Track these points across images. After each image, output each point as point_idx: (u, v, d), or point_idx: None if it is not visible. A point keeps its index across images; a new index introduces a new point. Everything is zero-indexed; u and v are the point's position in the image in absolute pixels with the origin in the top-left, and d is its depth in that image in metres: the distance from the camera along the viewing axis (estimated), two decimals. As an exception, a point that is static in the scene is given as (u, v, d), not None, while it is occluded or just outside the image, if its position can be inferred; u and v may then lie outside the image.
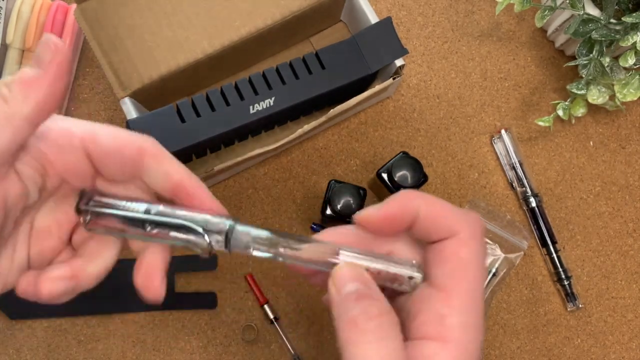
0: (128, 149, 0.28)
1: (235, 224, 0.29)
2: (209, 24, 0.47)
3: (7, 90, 0.26)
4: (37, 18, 0.51)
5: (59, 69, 0.27)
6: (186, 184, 0.29)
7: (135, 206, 0.29)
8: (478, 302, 0.27)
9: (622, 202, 0.55)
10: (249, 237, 0.29)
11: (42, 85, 0.26)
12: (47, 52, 0.26)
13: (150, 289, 0.31)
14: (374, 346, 0.25)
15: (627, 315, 0.53)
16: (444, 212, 0.28)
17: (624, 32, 0.46)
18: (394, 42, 0.48)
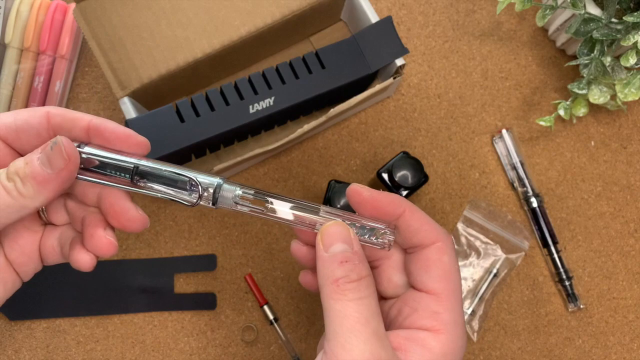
0: (33, 117, 0.30)
1: (223, 182, 0.31)
2: (208, 23, 0.47)
3: (22, 185, 0.28)
4: (36, 17, 0.51)
5: (69, 174, 0.29)
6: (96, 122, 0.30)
7: (124, 158, 0.30)
8: (460, 304, 0.32)
9: (624, 202, 0.55)
10: (235, 193, 0.31)
11: (53, 185, 0.29)
12: (60, 159, 0.29)
13: (132, 221, 0.32)
14: (353, 303, 0.29)
15: (629, 316, 0.53)
16: (426, 220, 0.33)
17: (625, 31, 0.46)
18: (395, 41, 0.48)
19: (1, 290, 0.32)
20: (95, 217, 0.32)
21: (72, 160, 0.29)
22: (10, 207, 0.28)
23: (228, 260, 0.52)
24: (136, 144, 0.31)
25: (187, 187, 0.31)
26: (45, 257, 0.34)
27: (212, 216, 0.53)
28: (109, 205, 0.31)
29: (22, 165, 0.29)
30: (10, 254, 0.33)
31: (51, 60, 0.52)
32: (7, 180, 0.28)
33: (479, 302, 0.52)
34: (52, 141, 0.29)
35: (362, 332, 0.28)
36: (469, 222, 0.53)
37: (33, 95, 0.52)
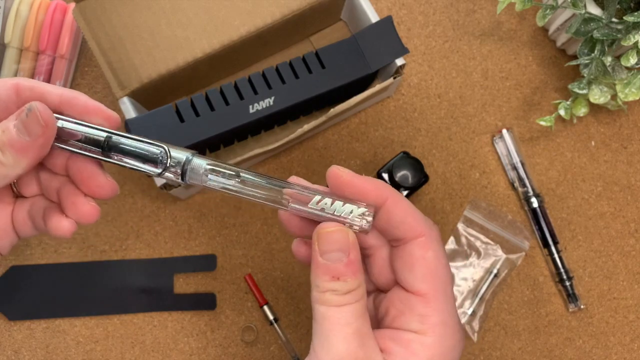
0: (2, 90, 0.29)
1: (193, 157, 0.30)
2: (208, 23, 0.47)
3: (1, 154, 0.28)
4: (35, 17, 0.51)
5: (47, 140, 0.29)
6: (67, 94, 0.31)
7: (95, 130, 0.31)
8: (451, 301, 0.30)
9: (624, 202, 0.55)
10: (205, 167, 0.30)
11: (32, 152, 0.29)
12: (37, 125, 0.29)
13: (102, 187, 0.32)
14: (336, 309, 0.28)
15: (629, 316, 0.53)
16: (410, 211, 0.30)
17: (625, 31, 0.46)
18: (395, 41, 0.48)
19: None
20: (72, 186, 0.32)
21: (49, 126, 0.29)
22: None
23: (228, 260, 0.52)
24: (106, 117, 0.31)
25: (157, 159, 0.30)
26: (19, 231, 0.34)
27: (212, 216, 0.53)
28: (78, 172, 0.31)
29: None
30: None
31: (51, 60, 0.52)
32: None
33: (480, 302, 0.52)
34: (27, 107, 0.29)
35: (342, 332, 0.28)
36: (469, 222, 0.53)
37: (33, 95, 0.51)
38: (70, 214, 0.31)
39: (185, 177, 0.30)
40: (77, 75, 0.55)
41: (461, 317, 0.52)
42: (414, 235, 0.30)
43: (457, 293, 0.52)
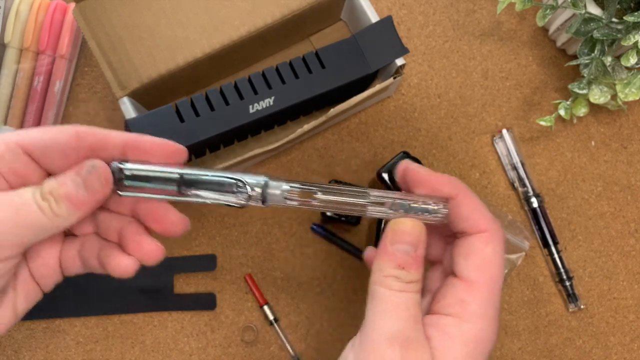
0: (62, 135, 0.30)
1: (268, 179, 0.31)
2: (208, 23, 0.47)
3: (56, 205, 0.29)
4: (35, 17, 0.51)
5: (104, 197, 0.30)
6: (132, 138, 0.31)
7: (168, 170, 0.31)
8: (496, 296, 0.31)
9: (624, 202, 0.55)
10: (282, 189, 0.31)
11: (86, 207, 0.30)
12: (97, 181, 0.29)
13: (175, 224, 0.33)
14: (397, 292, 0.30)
15: (629, 316, 0.53)
16: (479, 207, 0.32)
17: (625, 31, 0.46)
18: (395, 41, 0.48)
19: (23, 303, 0.33)
20: (135, 225, 0.32)
21: (107, 183, 0.30)
22: (44, 226, 0.29)
23: (228, 260, 0.52)
24: (174, 151, 0.31)
25: (233, 189, 0.31)
26: (65, 268, 0.34)
27: (212, 216, 0.53)
28: (150, 213, 0.32)
29: (55, 185, 0.29)
30: (32, 266, 0.33)
31: (51, 60, 0.52)
32: (41, 199, 0.29)
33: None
34: (91, 164, 0.29)
35: (401, 313, 0.29)
36: (469, 222, 0.53)
37: (33, 95, 0.51)
38: (135, 253, 0.32)
39: (267, 202, 0.31)
40: (77, 75, 0.55)
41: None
42: (478, 230, 0.32)
43: (457, 293, 0.52)
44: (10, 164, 0.29)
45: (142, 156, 0.31)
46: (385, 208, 0.32)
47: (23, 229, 0.28)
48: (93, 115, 0.54)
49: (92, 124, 0.54)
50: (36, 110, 0.51)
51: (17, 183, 0.30)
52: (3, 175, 0.29)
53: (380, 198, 0.32)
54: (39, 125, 0.52)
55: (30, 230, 0.29)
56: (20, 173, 0.30)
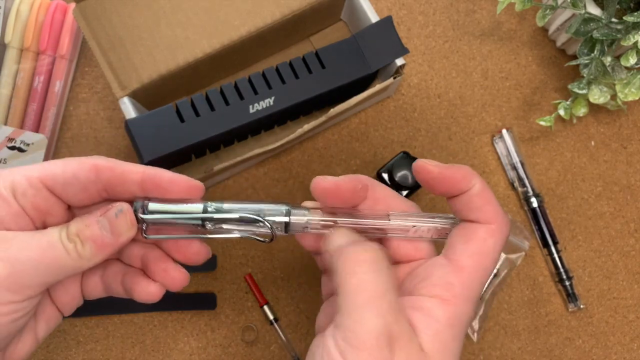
0: (82, 170, 0.30)
1: (290, 209, 0.31)
2: (208, 23, 0.47)
3: (82, 247, 0.29)
4: (35, 17, 0.51)
5: (128, 240, 0.31)
6: (150, 175, 0.31)
7: (191, 207, 0.31)
8: (481, 286, 0.31)
9: (624, 202, 0.55)
10: (305, 219, 0.31)
11: (110, 250, 0.30)
12: (124, 227, 0.30)
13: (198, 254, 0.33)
14: (369, 277, 0.28)
15: (629, 316, 0.53)
16: (491, 200, 0.32)
17: (625, 31, 0.46)
18: (395, 41, 0.48)
19: (44, 329, 0.33)
20: (159, 252, 0.33)
21: (133, 227, 0.30)
22: (68, 267, 0.29)
23: (228, 260, 0.52)
24: (191, 187, 0.31)
25: (257, 222, 0.31)
26: (86, 293, 0.34)
27: (212, 216, 0.53)
28: (173, 243, 0.32)
29: (82, 227, 0.29)
30: (54, 293, 0.33)
31: (51, 60, 0.52)
32: (68, 240, 0.29)
33: (479, 302, 0.52)
34: (118, 209, 0.30)
35: (378, 306, 0.28)
36: (469, 222, 0.53)
37: (33, 95, 0.51)
38: (160, 280, 0.32)
39: (289, 231, 0.32)
40: (78, 75, 0.55)
41: (461, 317, 0.52)
42: (485, 221, 0.31)
43: (457, 293, 0.52)
44: (32, 199, 0.30)
45: (161, 193, 0.31)
46: (407, 233, 0.32)
47: (48, 270, 0.29)
48: (93, 115, 0.54)
49: (92, 124, 0.54)
50: (36, 110, 0.51)
51: (38, 218, 0.30)
52: (26, 211, 0.30)
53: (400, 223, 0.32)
54: (39, 125, 0.52)
55: (54, 271, 0.29)
56: (42, 208, 0.30)
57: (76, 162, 0.30)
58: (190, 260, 0.32)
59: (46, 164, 0.30)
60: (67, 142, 0.53)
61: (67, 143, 0.53)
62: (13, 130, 0.50)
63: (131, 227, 0.30)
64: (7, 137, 0.50)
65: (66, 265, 0.29)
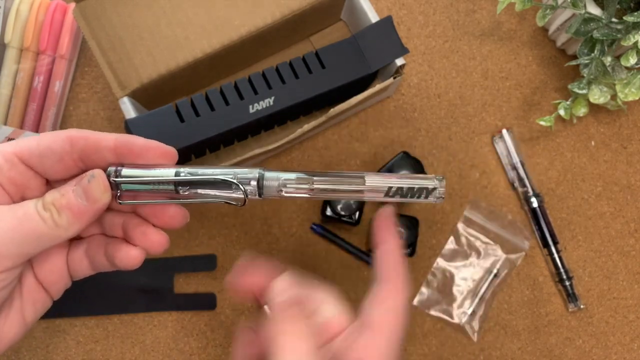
0: (56, 141, 0.30)
1: (264, 172, 0.31)
2: (208, 23, 0.47)
3: (58, 215, 0.29)
4: (35, 17, 0.51)
5: (104, 206, 0.30)
6: (123, 141, 0.31)
7: (164, 172, 0.31)
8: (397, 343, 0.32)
9: (624, 202, 0.55)
10: (278, 181, 0.31)
11: (87, 217, 0.30)
12: (97, 190, 0.30)
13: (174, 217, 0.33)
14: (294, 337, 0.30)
15: (629, 316, 0.53)
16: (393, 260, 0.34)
17: (625, 31, 0.46)
18: (395, 41, 0.48)
19: (31, 312, 0.33)
20: (138, 218, 0.32)
21: (106, 191, 0.30)
22: (45, 236, 0.29)
23: (228, 260, 0.52)
24: (164, 153, 0.31)
25: (230, 187, 0.31)
26: (73, 272, 0.34)
27: (212, 216, 0.53)
28: (150, 210, 0.32)
29: (57, 196, 0.29)
30: (39, 273, 0.33)
31: (51, 60, 0.52)
32: (43, 209, 0.29)
33: (479, 302, 0.52)
34: (90, 174, 0.30)
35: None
36: (469, 222, 0.53)
37: (33, 95, 0.51)
38: (140, 244, 0.32)
39: (262, 194, 0.31)
40: (77, 75, 0.55)
41: (461, 317, 0.52)
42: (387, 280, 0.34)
43: (457, 293, 0.52)
44: (8, 173, 0.30)
45: (134, 159, 0.31)
46: (383, 194, 0.32)
47: (25, 240, 0.29)
48: (93, 115, 0.54)
49: (92, 124, 0.54)
50: (36, 110, 0.51)
51: (16, 192, 0.30)
52: (3, 187, 0.30)
53: (376, 183, 0.32)
54: (39, 125, 0.52)
55: (32, 241, 0.29)
56: (19, 182, 0.30)
57: (50, 135, 0.30)
58: (167, 225, 0.32)
59: (21, 140, 0.30)
60: (67, 142, 0.53)
61: (67, 143, 0.53)
62: (13, 130, 0.50)
63: (105, 192, 0.30)
64: (7, 137, 0.49)
65: (44, 234, 0.29)
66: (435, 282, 0.53)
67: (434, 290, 0.52)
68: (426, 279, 0.53)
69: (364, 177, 0.32)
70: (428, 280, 0.53)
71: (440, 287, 0.52)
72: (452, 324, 0.52)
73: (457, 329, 0.52)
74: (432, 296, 0.52)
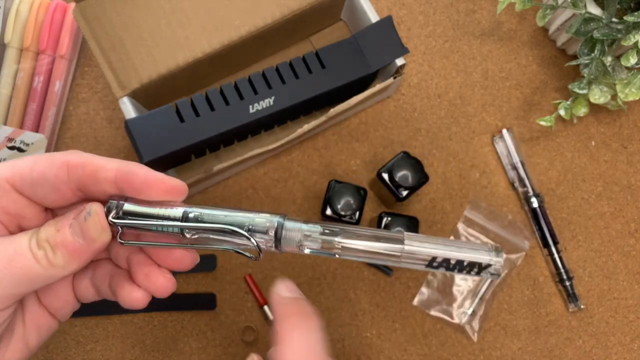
0: (52, 168, 0.27)
1: (283, 221, 0.27)
2: (208, 23, 0.47)
3: (52, 254, 0.26)
4: (35, 17, 0.51)
5: (103, 245, 0.27)
6: (124, 174, 0.27)
7: (171, 212, 0.27)
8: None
9: (624, 202, 0.55)
10: (300, 234, 0.27)
11: (85, 257, 0.27)
12: (94, 229, 0.27)
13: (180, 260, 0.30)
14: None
15: (629, 316, 0.53)
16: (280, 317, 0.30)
17: (625, 31, 0.46)
18: (395, 41, 0.48)
19: (35, 338, 0.31)
20: (143, 256, 0.29)
21: (105, 231, 0.27)
22: (38, 277, 0.26)
23: (228, 260, 0.52)
24: (170, 189, 0.28)
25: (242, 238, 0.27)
26: (80, 297, 0.32)
27: (212, 216, 0.53)
28: (154, 249, 0.29)
29: (53, 232, 0.27)
30: (44, 299, 0.31)
31: (51, 60, 0.52)
32: (37, 247, 0.26)
33: (480, 302, 0.52)
34: (86, 211, 0.27)
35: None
36: (469, 222, 0.53)
37: (33, 95, 0.51)
38: (143, 285, 0.29)
39: (280, 247, 0.28)
40: (77, 75, 0.55)
41: (461, 317, 0.52)
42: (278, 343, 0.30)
43: (457, 293, 0.52)
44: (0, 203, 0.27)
45: (136, 194, 0.28)
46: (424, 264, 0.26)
47: (17, 281, 0.26)
48: (93, 115, 0.54)
49: (92, 124, 0.54)
50: (36, 110, 0.51)
51: (10, 221, 0.28)
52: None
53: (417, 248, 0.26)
54: (39, 125, 0.51)
55: (24, 282, 0.26)
56: (12, 211, 0.28)
57: (45, 160, 0.27)
58: (173, 267, 0.29)
59: (15, 161, 0.27)
60: (66, 142, 0.53)
61: (66, 143, 0.53)
62: (13, 130, 0.50)
63: (103, 232, 0.27)
64: (7, 137, 0.49)
65: (37, 275, 0.26)
66: (435, 282, 0.53)
67: (434, 290, 0.52)
68: (426, 279, 0.53)
69: (403, 239, 0.26)
70: (428, 280, 0.53)
71: (440, 287, 0.52)
72: (452, 324, 0.52)
73: (457, 329, 0.52)
74: (432, 296, 0.52)
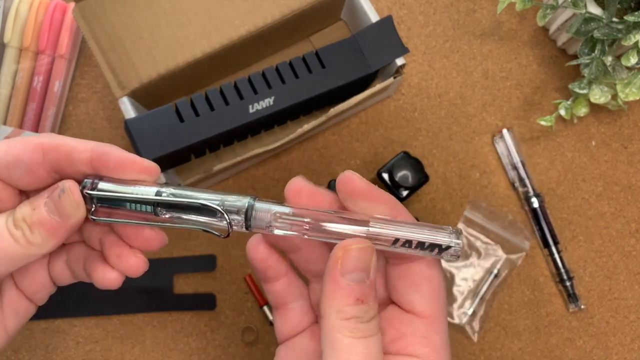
0: (26, 151, 0.27)
1: (254, 202, 0.28)
2: (208, 23, 0.47)
3: (30, 233, 0.27)
4: (35, 17, 0.51)
5: (79, 220, 0.28)
6: (98, 154, 0.28)
7: (144, 190, 0.28)
8: (446, 322, 0.29)
9: (625, 202, 0.55)
10: (270, 214, 0.28)
11: (62, 233, 0.27)
12: (69, 206, 0.27)
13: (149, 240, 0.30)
14: (362, 341, 0.26)
15: (630, 316, 0.53)
16: None
17: (626, 31, 0.46)
18: (395, 41, 0.48)
19: (14, 322, 0.31)
20: (114, 236, 0.30)
21: (80, 207, 0.28)
22: (18, 256, 0.27)
23: (228, 260, 0.52)
24: (143, 169, 0.28)
25: (216, 213, 0.27)
26: (56, 280, 0.32)
27: (211, 216, 0.53)
28: (124, 229, 0.30)
29: (29, 211, 0.27)
30: (21, 283, 0.31)
31: (50, 59, 0.52)
32: (14, 227, 0.27)
33: (480, 302, 0.52)
34: (60, 188, 0.27)
35: None
36: (469, 222, 0.53)
37: (32, 95, 0.51)
38: (116, 266, 0.29)
39: (250, 226, 0.28)
40: (77, 75, 0.55)
41: (461, 317, 0.52)
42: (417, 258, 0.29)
43: (457, 293, 0.52)
44: None
45: (110, 173, 0.28)
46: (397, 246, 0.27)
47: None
48: (93, 115, 0.54)
49: (92, 124, 0.54)
50: (36, 110, 0.51)
51: None
52: None
53: (381, 230, 0.27)
54: (38, 125, 0.51)
55: (5, 262, 0.27)
56: None
57: (20, 144, 0.28)
58: (142, 247, 0.30)
59: None
60: (66, 142, 0.53)
61: (66, 143, 0.53)
62: (12, 130, 0.50)
63: (77, 208, 0.27)
64: (6, 137, 0.49)
65: (16, 254, 0.27)
66: (435, 283, 0.52)
67: (434, 291, 0.52)
68: (426, 279, 0.53)
69: (369, 221, 0.27)
70: (428, 281, 0.52)
71: (441, 288, 0.52)
72: (453, 324, 0.52)
73: (457, 329, 0.52)
74: (432, 296, 0.52)
